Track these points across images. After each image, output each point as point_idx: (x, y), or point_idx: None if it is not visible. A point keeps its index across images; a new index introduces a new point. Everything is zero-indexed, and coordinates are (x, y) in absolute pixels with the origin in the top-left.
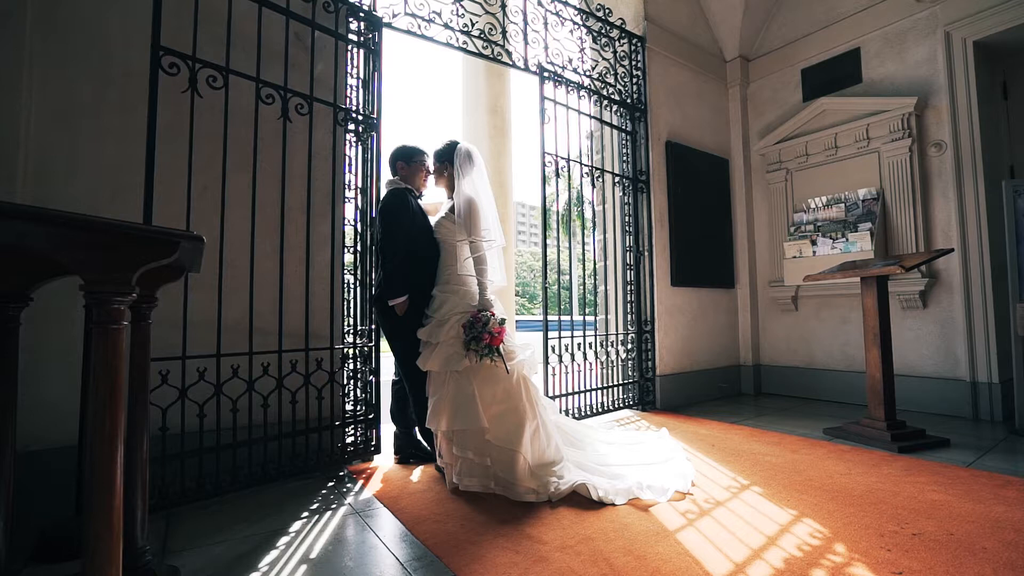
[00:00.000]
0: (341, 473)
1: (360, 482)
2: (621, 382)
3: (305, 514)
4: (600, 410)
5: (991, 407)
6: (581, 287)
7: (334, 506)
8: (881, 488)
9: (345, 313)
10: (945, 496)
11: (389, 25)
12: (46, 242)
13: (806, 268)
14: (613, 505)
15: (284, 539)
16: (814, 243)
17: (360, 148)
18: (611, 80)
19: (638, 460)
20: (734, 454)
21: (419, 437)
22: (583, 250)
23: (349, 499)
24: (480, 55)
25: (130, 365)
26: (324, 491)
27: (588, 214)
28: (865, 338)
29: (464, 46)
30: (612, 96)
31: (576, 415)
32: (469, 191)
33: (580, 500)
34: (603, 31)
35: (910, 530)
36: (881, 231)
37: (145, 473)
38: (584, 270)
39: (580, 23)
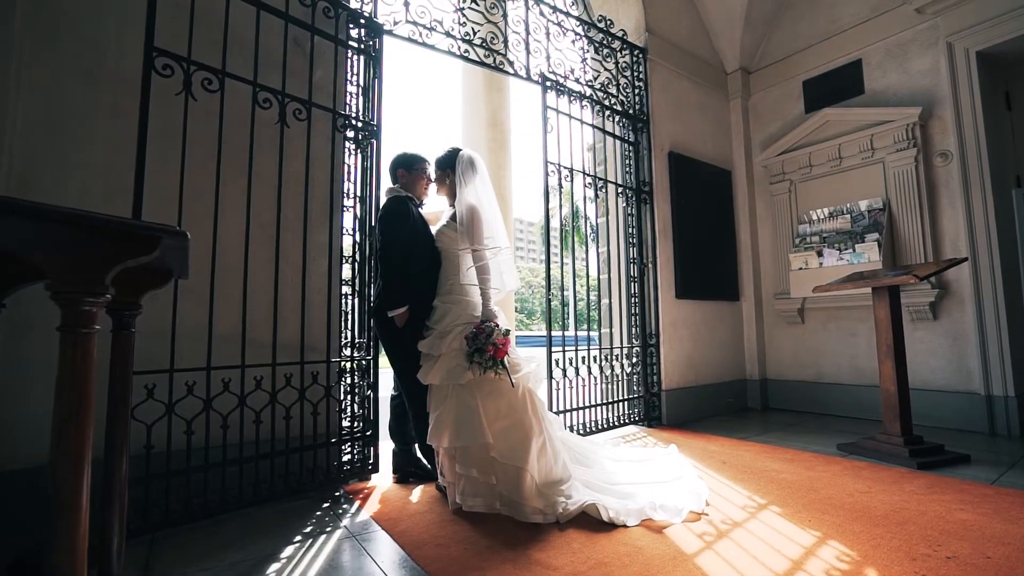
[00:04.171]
0: (337, 493)
1: (357, 503)
2: (626, 397)
3: (298, 538)
4: (605, 426)
5: (1007, 421)
6: (584, 300)
7: (329, 529)
8: (906, 507)
9: (342, 325)
10: (974, 516)
11: (390, 32)
12: (2, 235)
13: (813, 279)
14: (625, 526)
15: (275, 566)
16: (820, 254)
17: (360, 156)
18: (613, 91)
19: (648, 478)
20: (747, 471)
21: (419, 455)
22: (587, 262)
23: (345, 521)
24: (482, 63)
25: (111, 377)
26: (319, 513)
27: (591, 225)
28: (878, 350)
29: (465, 55)
30: (614, 107)
31: (581, 431)
32: (471, 199)
33: (589, 521)
34: (605, 42)
35: (944, 553)
36: (888, 242)
37: (124, 494)
38: (588, 282)
39: (582, 34)
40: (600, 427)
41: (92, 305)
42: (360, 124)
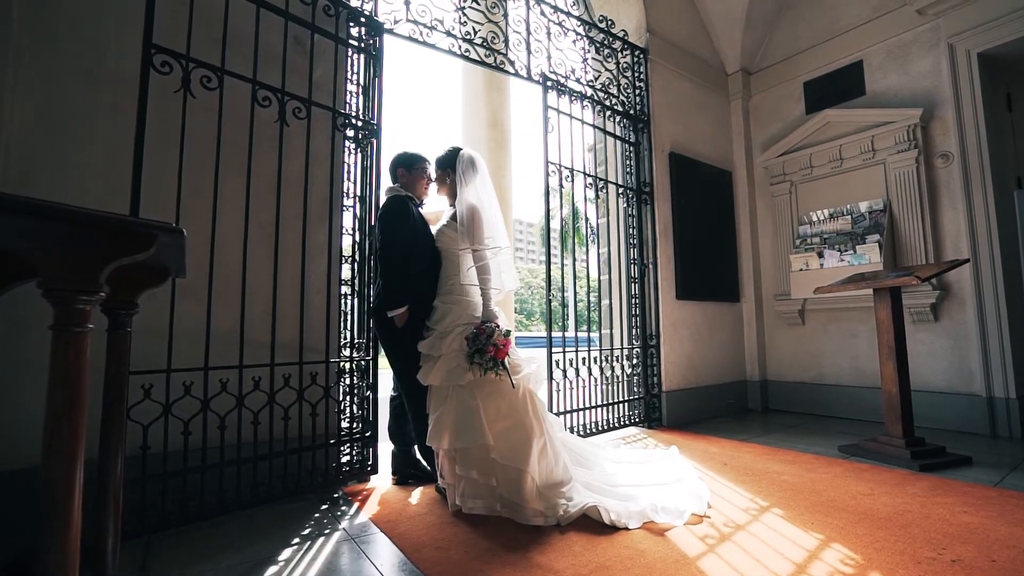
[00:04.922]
0: (336, 495)
1: (356, 504)
2: (627, 398)
3: (296, 540)
4: (605, 427)
5: (1008, 423)
6: (584, 301)
7: (327, 531)
8: (909, 510)
9: (342, 325)
10: (978, 518)
11: (391, 31)
12: None
13: (813, 281)
14: (626, 529)
15: (272, 569)
16: (821, 255)
17: (360, 155)
18: (614, 91)
19: (649, 480)
20: (748, 473)
21: (419, 456)
22: (587, 263)
23: (344, 523)
24: (483, 63)
25: (106, 377)
26: (317, 515)
27: (591, 226)
28: (880, 352)
29: (466, 54)
30: (615, 107)
31: (581, 433)
32: (472, 198)
33: (590, 524)
34: (606, 42)
35: (948, 556)
36: (889, 243)
37: (119, 495)
38: (588, 283)
39: (583, 34)
40: (600, 428)
41: (85, 303)
42: (360, 123)
